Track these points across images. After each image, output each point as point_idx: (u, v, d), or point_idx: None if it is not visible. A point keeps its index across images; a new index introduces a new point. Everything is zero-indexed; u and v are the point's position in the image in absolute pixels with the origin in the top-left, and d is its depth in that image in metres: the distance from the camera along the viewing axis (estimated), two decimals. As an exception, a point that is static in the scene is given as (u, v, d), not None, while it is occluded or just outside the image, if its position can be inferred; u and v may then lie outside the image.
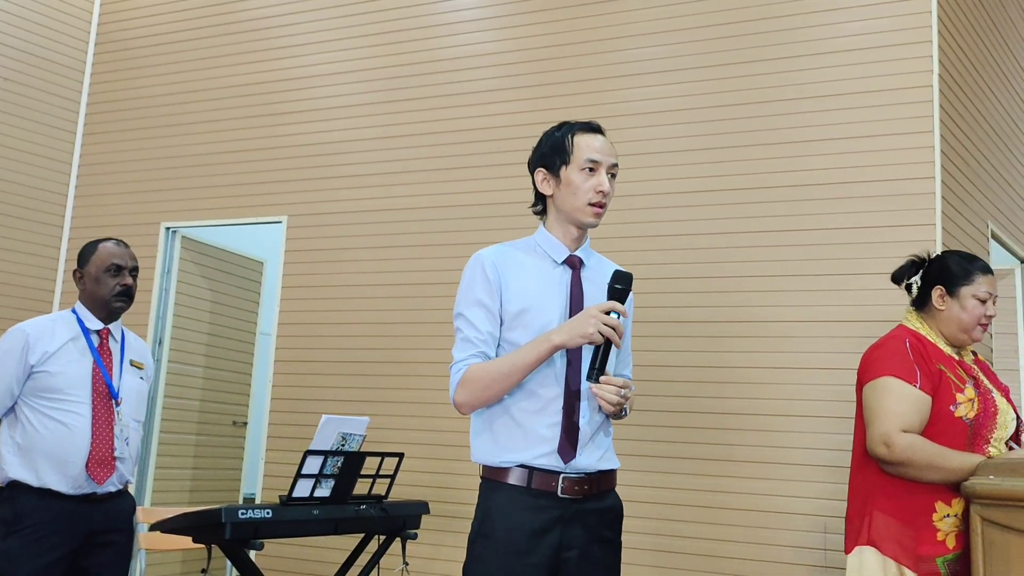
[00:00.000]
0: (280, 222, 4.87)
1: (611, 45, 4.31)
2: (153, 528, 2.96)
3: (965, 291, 2.44)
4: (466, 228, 4.41)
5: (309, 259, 4.77)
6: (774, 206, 3.83)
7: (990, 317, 2.46)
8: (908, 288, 2.60)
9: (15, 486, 2.55)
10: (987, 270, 2.50)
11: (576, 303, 2.05)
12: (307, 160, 4.88)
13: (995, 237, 4.39)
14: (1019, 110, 5.10)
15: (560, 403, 1.99)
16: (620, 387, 1.94)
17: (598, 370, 1.93)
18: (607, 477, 2.07)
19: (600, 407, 1.99)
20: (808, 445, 3.62)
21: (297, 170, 4.89)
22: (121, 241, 2.79)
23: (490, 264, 2.05)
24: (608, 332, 1.91)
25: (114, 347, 2.73)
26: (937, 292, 2.48)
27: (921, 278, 2.56)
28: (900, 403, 2.30)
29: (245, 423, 5.62)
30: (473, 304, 2.04)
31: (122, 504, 2.72)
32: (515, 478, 1.98)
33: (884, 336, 2.51)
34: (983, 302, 2.44)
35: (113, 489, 2.66)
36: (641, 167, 4.06)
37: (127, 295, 2.71)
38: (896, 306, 3.30)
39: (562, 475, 1.97)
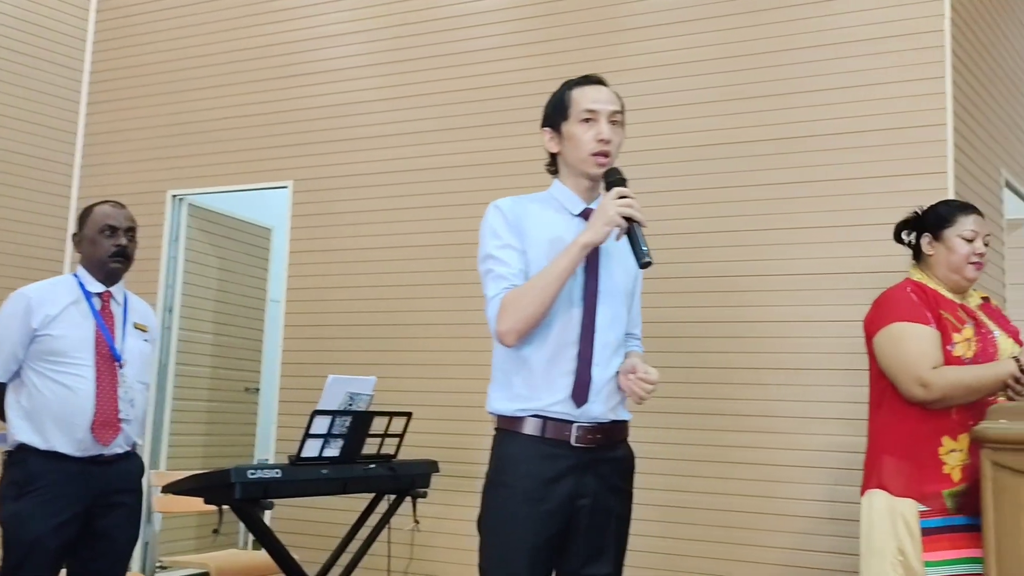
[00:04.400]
0: (285, 187, 4.85)
1: (617, -2, 4.23)
2: (165, 490, 2.97)
3: (949, 232, 2.49)
4: (474, 188, 4.37)
5: (315, 223, 4.75)
6: (786, 157, 3.78)
7: (981, 255, 2.48)
8: (909, 245, 2.63)
9: (24, 449, 2.57)
10: (971, 211, 2.54)
11: (592, 254, 2.04)
12: (311, 124, 4.84)
13: (1009, 186, 4.32)
14: (1035, 56, 4.99)
15: (575, 351, 2.01)
16: (653, 383, 1.98)
17: (646, 251, 1.94)
18: (619, 427, 2.10)
19: (627, 390, 2.02)
20: (818, 398, 3.59)
21: (301, 134, 4.86)
22: (117, 203, 2.78)
23: (509, 211, 2.09)
24: (629, 211, 1.93)
25: (116, 310, 2.73)
26: (926, 239, 2.54)
27: (915, 231, 2.60)
28: (920, 343, 2.36)
29: (257, 389, 5.65)
30: (501, 246, 2.05)
31: (130, 465, 2.74)
32: (530, 427, 2.01)
33: (888, 289, 2.55)
34: (969, 241, 2.47)
35: (120, 451, 2.68)
36: (650, 121, 4.00)
37: (123, 256, 2.70)
38: (908, 256, 3.25)
39: (575, 424, 2.00)
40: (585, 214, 2.11)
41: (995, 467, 2.10)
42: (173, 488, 2.95)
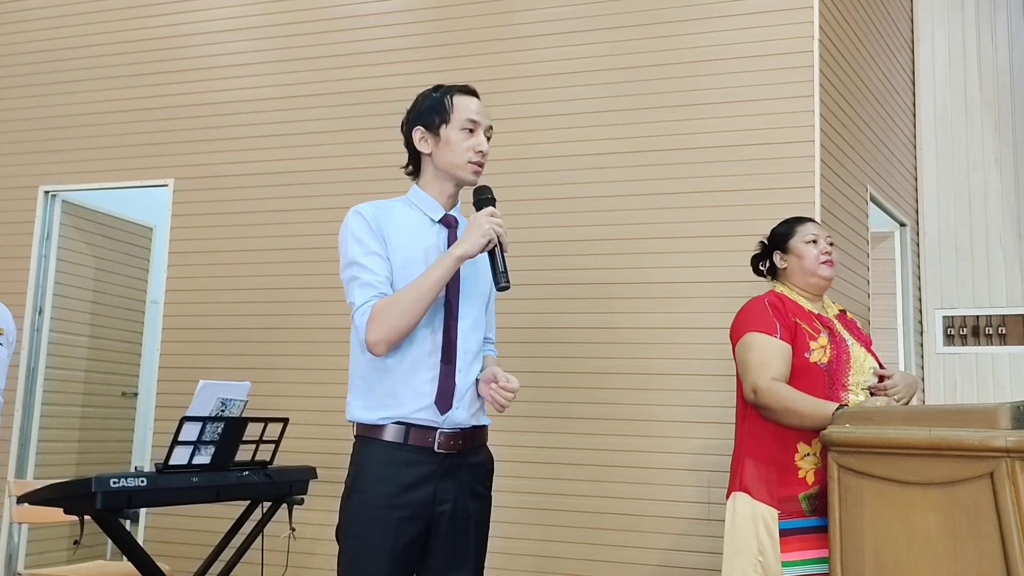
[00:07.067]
0: (165, 185, 4.70)
1: (511, 5, 4.27)
2: (21, 500, 2.84)
3: (794, 242, 2.67)
4: (358, 192, 4.33)
5: (196, 223, 4.62)
6: (664, 168, 3.88)
7: (828, 253, 2.66)
8: (766, 272, 2.78)
9: None
10: (805, 220, 2.73)
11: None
12: (194, 121, 4.71)
13: (874, 200, 4.55)
14: (899, 77, 5.28)
15: (438, 357, 2.02)
16: (513, 391, 2.01)
17: (504, 272, 2.00)
18: (480, 432, 2.13)
19: (482, 395, 2.06)
20: (693, 403, 3.70)
21: (183, 131, 4.72)
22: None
23: (371, 216, 2.08)
24: (500, 231, 2.00)
25: (-33, 312, 2.60)
26: (777, 256, 2.71)
27: (766, 257, 2.77)
28: (764, 353, 2.48)
29: (136, 394, 5.46)
30: (366, 253, 2.04)
31: (-19, 475, 2.61)
32: (391, 434, 2.01)
33: (750, 299, 2.68)
34: (813, 243, 2.65)
35: (-31, 460, 2.54)
36: (537, 129, 4.06)
37: None
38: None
39: (439, 430, 2.01)
40: (445, 220, 2.13)
41: (840, 469, 2.22)
42: (30, 498, 2.83)
